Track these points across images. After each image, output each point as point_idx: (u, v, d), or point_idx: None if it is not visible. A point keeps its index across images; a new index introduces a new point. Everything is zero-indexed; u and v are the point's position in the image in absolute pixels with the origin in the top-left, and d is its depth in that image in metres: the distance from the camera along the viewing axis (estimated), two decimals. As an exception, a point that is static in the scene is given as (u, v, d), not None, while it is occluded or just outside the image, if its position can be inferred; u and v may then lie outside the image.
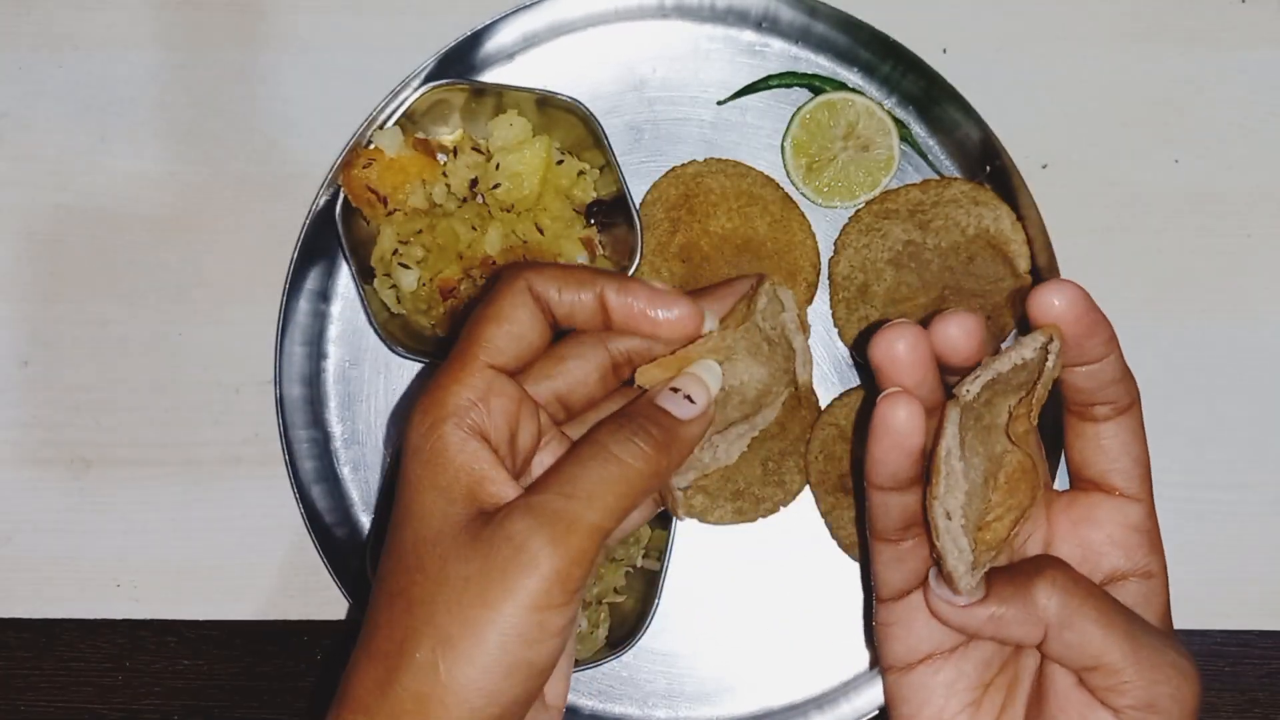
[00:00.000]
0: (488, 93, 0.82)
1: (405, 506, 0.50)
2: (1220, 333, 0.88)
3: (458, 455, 0.49)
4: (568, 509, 0.47)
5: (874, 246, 0.85)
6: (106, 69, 0.89)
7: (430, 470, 0.49)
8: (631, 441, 0.50)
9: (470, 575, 0.47)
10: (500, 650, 0.46)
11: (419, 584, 0.48)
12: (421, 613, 0.48)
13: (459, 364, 0.51)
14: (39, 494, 0.86)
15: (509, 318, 0.52)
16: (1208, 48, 0.89)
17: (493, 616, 0.46)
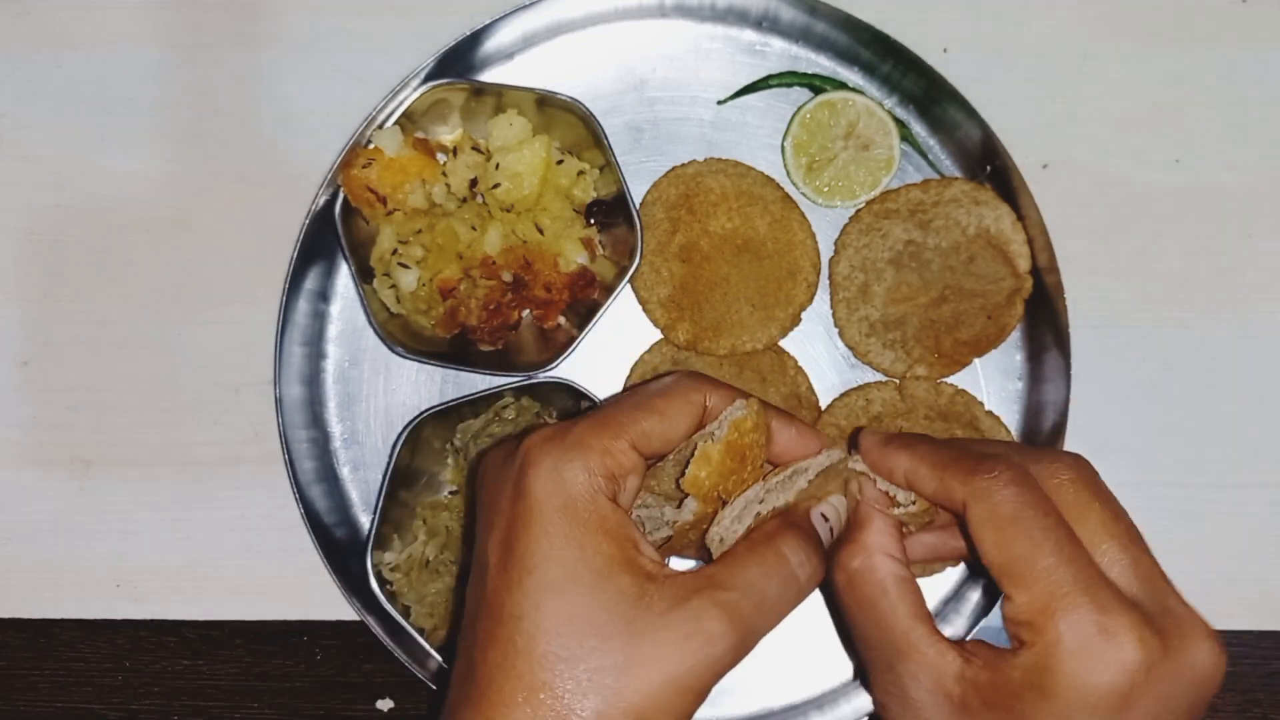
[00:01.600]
0: (487, 92, 0.82)
1: (566, 564, 0.51)
2: (1220, 333, 0.88)
3: (614, 522, 0.52)
4: (752, 617, 0.52)
5: (874, 246, 0.85)
6: (106, 69, 0.89)
7: (596, 533, 0.51)
8: (808, 560, 0.55)
9: (657, 647, 0.50)
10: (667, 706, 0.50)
11: (599, 647, 0.50)
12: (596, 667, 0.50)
13: (613, 434, 0.54)
14: (39, 494, 0.86)
15: (671, 420, 0.56)
16: (1208, 48, 0.89)
17: (668, 677, 0.50)
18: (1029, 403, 0.86)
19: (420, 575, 0.81)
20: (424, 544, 0.81)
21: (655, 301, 0.85)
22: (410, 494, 0.82)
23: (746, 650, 0.52)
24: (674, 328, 0.85)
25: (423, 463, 0.83)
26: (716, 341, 0.84)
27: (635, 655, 0.50)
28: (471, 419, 0.84)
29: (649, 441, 0.55)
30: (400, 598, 0.80)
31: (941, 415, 0.83)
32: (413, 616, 0.80)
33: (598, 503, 0.52)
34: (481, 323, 0.82)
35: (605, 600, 0.50)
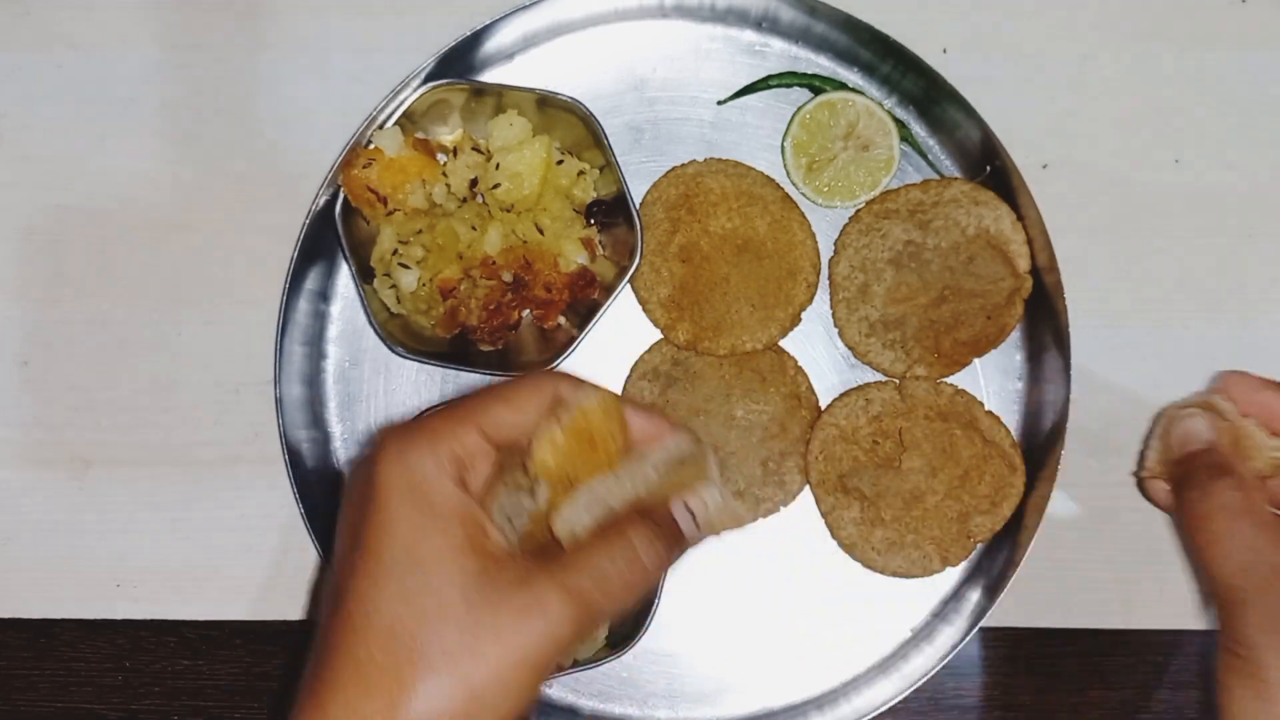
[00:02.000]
0: (488, 93, 0.82)
1: (405, 548, 0.52)
2: (1220, 333, 0.88)
3: (458, 505, 0.53)
4: (594, 599, 0.53)
5: (874, 246, 0.85)
6: (106, 69, 0.89)
7: (436, 514, 0.52)
8: (653, 548, 0.56)
9: (497, 629, 0.51)
10: (508, 683, 0.51)
11: (435, 630, 0.50)
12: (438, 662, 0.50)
13: (459, 419, 0.55)
14: (39, 494, 0.87)
15: (520, 407, 0.57)
16: (1208, 48, 0.89)
17: (512, 673, 0.50)
18: (1029, 403, 0.86)
19: (420, 575, 0.81)
20: (424, 544, 0.81)
21: (655, 301, 0.85)
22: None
23: (589, 630, 0.54)
24: (674, 328, 0.85)
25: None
26: (716, 341, 0.84)
27: (474, 633, 0.50)
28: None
29: (498, 428, 0.56)
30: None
31: (941, 415, 0.83)
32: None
33: (442, 487, 0.53)
34: (481, 323, 0.82)
35: (446, 580, 0.51)
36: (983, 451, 0.83)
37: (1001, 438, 0.83)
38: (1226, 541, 0.55)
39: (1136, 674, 0.86)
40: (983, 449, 0.83)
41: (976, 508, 0.82)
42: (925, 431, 0.83)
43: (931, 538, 0.82)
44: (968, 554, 0.83)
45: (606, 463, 0.60)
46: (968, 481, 0.82)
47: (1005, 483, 0.82)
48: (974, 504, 0.82)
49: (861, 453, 0.83)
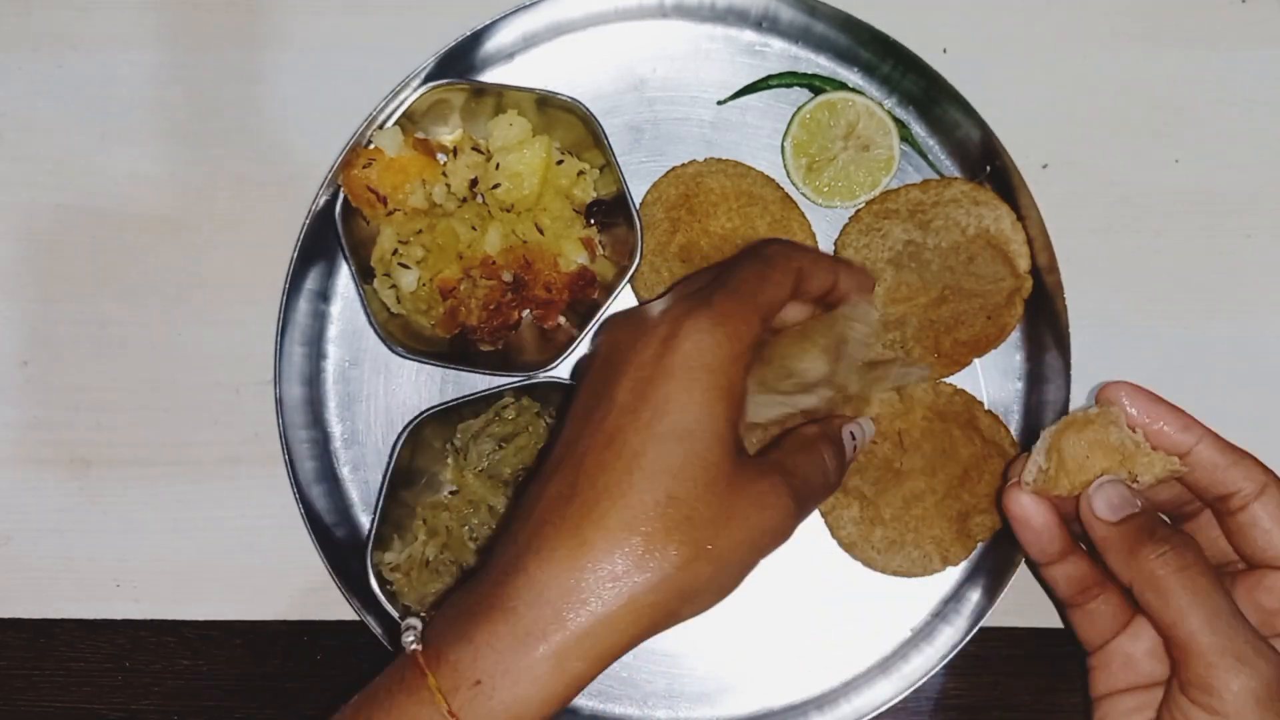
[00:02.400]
0: (488, 93, 0.82)
1: (683, 420, 0.56)
2: (1220, 333, 0.88)
3: (741, 394, 0.58)
4: (804, 501, 0.61)
5: (874, 247, 0.85)
6: (106, 69, 0.89)
7: (722, 399, 0.57)
8: (838, 462, 0.66)
9: (740, 509, 0.57)
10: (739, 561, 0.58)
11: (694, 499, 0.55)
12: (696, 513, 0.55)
13: (750, 309, 0.60)
14: (39, 494, 0.86)
15: (785, 290, 0.63)
16: (1208, 48, 0.89)
17: (744, 533, 0.57)
18: (1029, 403, 0.86)
19: (420, 575, 0.81)
20: (424, 544, 0.81)
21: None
22: (410, 494, 0.82)
23: (792, 530, 0.61)
24: (674, 328, 0.85)
25: (423, 463, 0.83)
26: (716, 341, 0.84)
27: (726, 511, 0.56)
28: (471, 419, 0.84)
29: (771, 312, 0.62)
30: (400, 598, 0.80)
31: (940, 415, 0.83)
32: (413, 617, 0.80)
33: (735, 375, 0.58)
34: (481, 323, 0.82)
35: (717, 458, 0.56)
36: (982, 451, 0.83)
37: (1001, 437, 0.83)
38: (1209, 601, 0.56)
39: (1136, 674, 0.86)
40: (982, 448, 0.83)
41: (977, 507, 0.82)
42: (924, 431, 0.83)
43: (932, 537, 0.82)
44: (968, 553, 0.83)
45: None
46: (967, 481, 0.82)
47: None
48: (974, 503, 0.82)
49: (860, 453, 0.83)
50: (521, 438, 0.82)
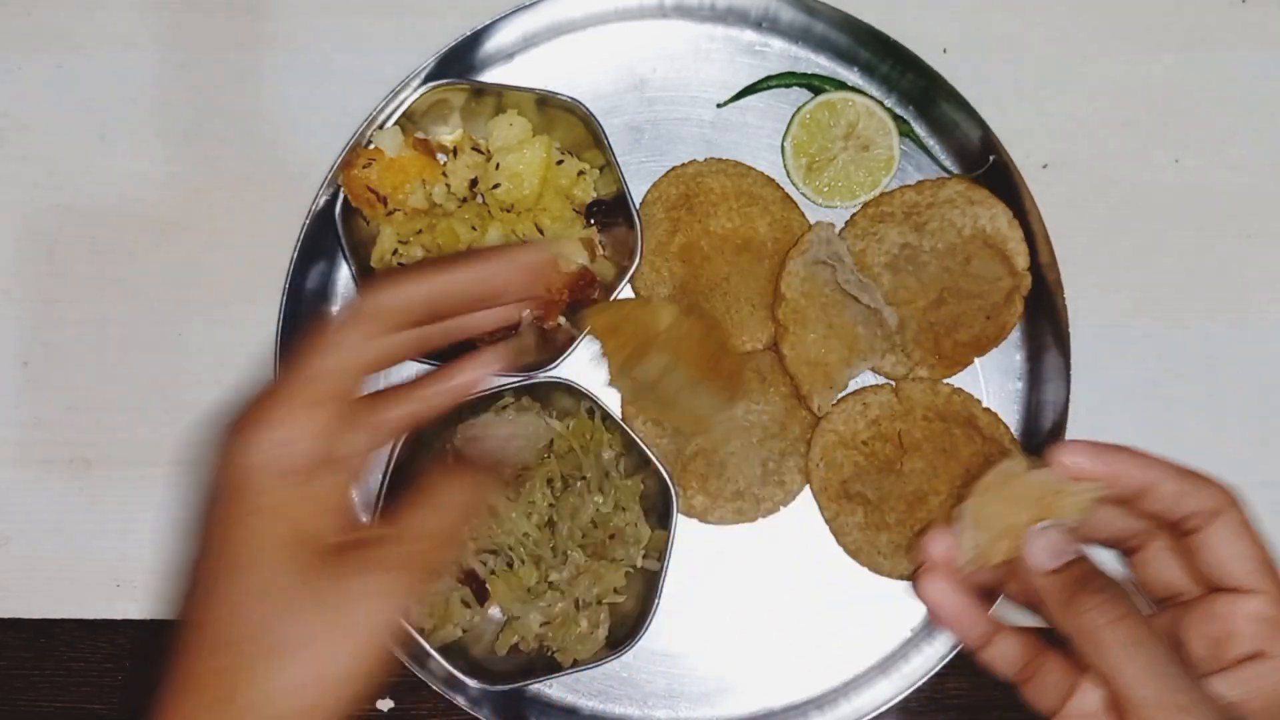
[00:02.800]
0: (488, 93, 0.82)
1: (233, 553, 0.52)
2: (1220, 333, 0.88)
3: (285, 503, 0.52)
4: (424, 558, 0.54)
5: (870, 252, 0.84)
6: (106, 69, 0.89)
7: (261, 516, 0.52)
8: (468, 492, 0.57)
9: (327, 623, 0.51)
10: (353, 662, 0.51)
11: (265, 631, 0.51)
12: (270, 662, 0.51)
13: (287, 401, 0.53)
14: (39, 494, 0.86)
15: (337, 350, 0.54)
16: (1208, 48, 0.89)
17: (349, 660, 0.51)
18: (1029, 403, 0.86)
19: (420, 575, 0.81)
20: (424, 544, 0.81)
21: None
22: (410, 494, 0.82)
23: (423, 589, 0.54)
24: (674, 328, 0.85)
25: (423, 462, 0.83)
26: (716, 341, 0.84)
27: (310, 629, 0.51)
28: (471, 419, 0.84)
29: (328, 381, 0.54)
30: (400, 598, 0.80)
31: (939, 415, 0.83)
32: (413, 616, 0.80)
33: (274, 485, 0.53)
34: (481, 323, 0.82)
35: (276, 583, 0.51)
36: (983, 449, 0.83)
37: (1001, 434, 0.83)
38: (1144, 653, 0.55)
39: (1136, 674, 0.86)
40: (983, 447, 0.83)
41: (977, 507, 0.82)
42: (924, 432, 0.83)
43: (933, 538, 0.82)
44: (970, 553, 0.83)
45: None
46: (970, 480, 0.82)
47: (1006, 482, 0.82)
48: (974, 504, 0.82)
49: (862, 457, 0.83)
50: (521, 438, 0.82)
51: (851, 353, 0.82)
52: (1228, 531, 0.56)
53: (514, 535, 0.81)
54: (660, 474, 0.80)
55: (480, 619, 0.83)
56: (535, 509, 0.81)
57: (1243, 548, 0.55)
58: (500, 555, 0.82)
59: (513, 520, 0.81)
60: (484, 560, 0.82)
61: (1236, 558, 0.55)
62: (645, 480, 0.82)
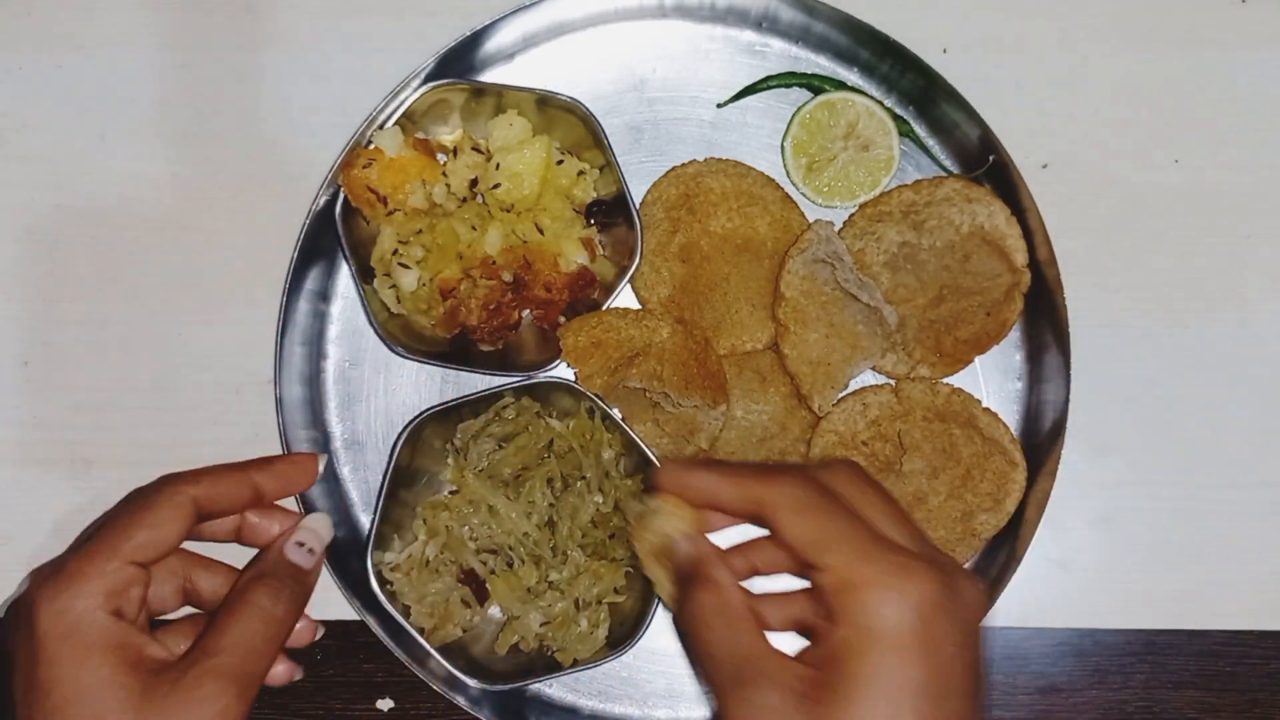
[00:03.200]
0: (488, 93, 0.82)
1: (70, 685, 0.58)
2: (1220, 333, 0.88)
3: (114, 634, 0.60)
4: (245, 667, 0.61)
5: (869, 251, 0.84)
6: (106, 69, 0.89)
7: (93, 649, 0.59)
8: (279, 599, 0.65)
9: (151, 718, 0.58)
10: None
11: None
12: None
13: (104, 555, 0.62)
14: (39, 494, 0.86)
15: (159, 527, 0.65)
16: (1208, 48, 0.89)
17: None
18: (1029, 402, 0.86)
19: (420, 575, 0.81)
20: (424, 544, 0.81)
21: (655, 301, 0.85)
22: (410, 494, 0.82)
23: (251, 693, 0.61)
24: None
25: (423, 462, 0.83)
26: (717, 341, 0.84)
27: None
28: (471, 419, 0.84)
29: (144, 552, 0.64)
30: (400, 597, 0.80)
31: (939, 415, 0.83)
32: (413, 616, 0.80)
33: (95, 622, 0.60)
34: (481, 323, 0.82)
35: (112, 704, 0.58)
36: (983, 449, 0.83)
37: (1001, 434, 0.83)
38: (709, 642, 0.58)
39: (1136, 674, 0.86)
40: (982, 447, 0.83)
41: (980, 506, 0.82)
42: (924, 433, 0.83)
43: (937, 538, 0.82)
44: (974, 552, 0.83)
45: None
46: (969, 480, 0.82)
47: (1007, 479, 0.82)
48: (977, 502, 0.82)
49: (862, 458, 0.83)
50: (521, 438, 0.82)
51: (853, 351, 0.82)
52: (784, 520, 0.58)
53: (514, 535, 0.81)
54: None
55: (480, 619, 0.83)
56: (535, 509, 0.81)
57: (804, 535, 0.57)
58: (500, 555, 0.82)
59: (513, 520, 0.81)
60: (484, 560, 0.82)
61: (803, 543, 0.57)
62: (645, 480, 0.82)
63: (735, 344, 0.84)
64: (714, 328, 0.84)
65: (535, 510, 0.81)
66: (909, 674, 0.52)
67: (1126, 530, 0.86)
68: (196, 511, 0.67)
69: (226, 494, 0.69)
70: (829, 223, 0.83)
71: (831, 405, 0.83)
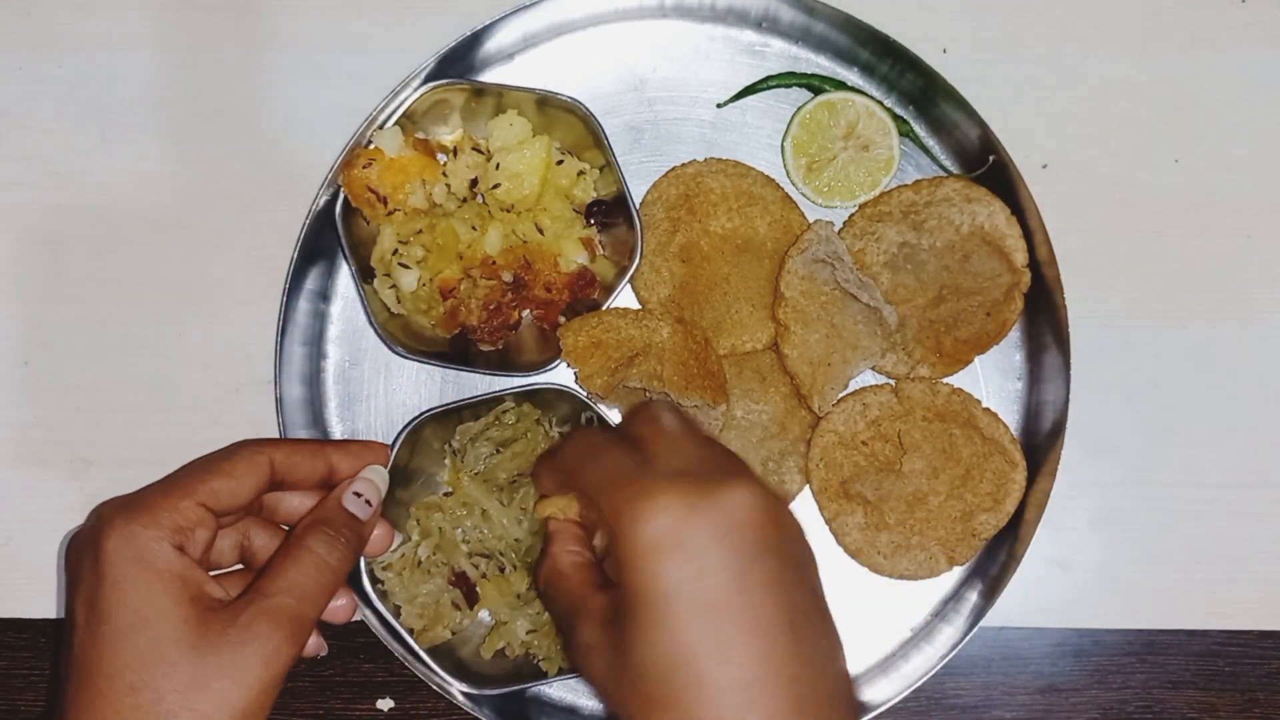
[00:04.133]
0: (488, 93, 0.82)
1: (131, 610, 0.60)
2: (1220, 333, 0.88)
3: (178, 566, 0.62)
4: (299, 610, 0.63)
5: (869, 251, 0.84)
6: (106, 69, 0.89)
7: (157, 578, 0.61)
8: (335, 546, 0.66)
9: (222, 667, 0.60)
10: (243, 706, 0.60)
11: (166, 678, 0.59)
12: (174, 701, 0.59)
13: (178, 494, 0.65)
14: (39, 494, 0.86)
15: (237, 478, 0.67)
16: (1208, 48, 0.89)
17: (245, 697, 0.60)
18: (1029, 402, 0.86)
19: (412, 575, 0.81)
20: (417, 544, 0.81)
21: (655, 301, 0.85)
22: (406, 493, 0.82)
23: (302, 637, 0.63)
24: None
25: (421, 463, 0.83)
26: (717, 341, 0.84)
27: (203, 674, 0.59)
28: (471, 421, 0.83)
29: (217, 498, 0.66)
30: (391, 597, 0.80)
31: (939, 415, 0.83)
32: (403, 616, 0.80)
33: (160, 553, 0.62)
34: (482, 323, 0.82)
35: (169, 634, 0.60)
36: (982, 449, 0.83)
37: (1000, 434, 0.83)
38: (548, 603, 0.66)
39: (1136, 674, 0.86)
40: (982, 447, 0.83)
41: (980, 506, 0.82)
42: (924, 433, 0.83)
43: (937, 539, 0.82)
44: (974, 552, 0.83)
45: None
46: (969, 480, 0.82)
47: (1007, 479, 0.82)
48: (977, 502, 0.82)
49: (862, 458, 0.83)
50: (520, 444, 0.82)
51: (853, 351, 0.83)
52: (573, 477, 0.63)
53: (505, 540, 0.81)
54: None
55: (470, 622, 0.83)
56: (528, 515, 0.81)
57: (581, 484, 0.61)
58: (493, 559, 0.82)
59: (505, 525, 0.81)
60: (476, 564, 0.82)
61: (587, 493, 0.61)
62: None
63: (735, 344, 0.84)
64: (714, 328, 0.84)
65: (528, 517, 0.81)
66: (667, 580, 0.53)
67: (1126, 530, 0.86)
68: (272, 474, 0.69)
69: (303, 465, 0.71)
70: (829, 223, 0.83)
71: (831, 405, 0.83)
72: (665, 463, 0.58)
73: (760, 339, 0.85)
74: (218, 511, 0.66)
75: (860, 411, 0.84)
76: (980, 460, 0.82)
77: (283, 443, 0.72)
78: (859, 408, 0.84)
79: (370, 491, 0.71)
